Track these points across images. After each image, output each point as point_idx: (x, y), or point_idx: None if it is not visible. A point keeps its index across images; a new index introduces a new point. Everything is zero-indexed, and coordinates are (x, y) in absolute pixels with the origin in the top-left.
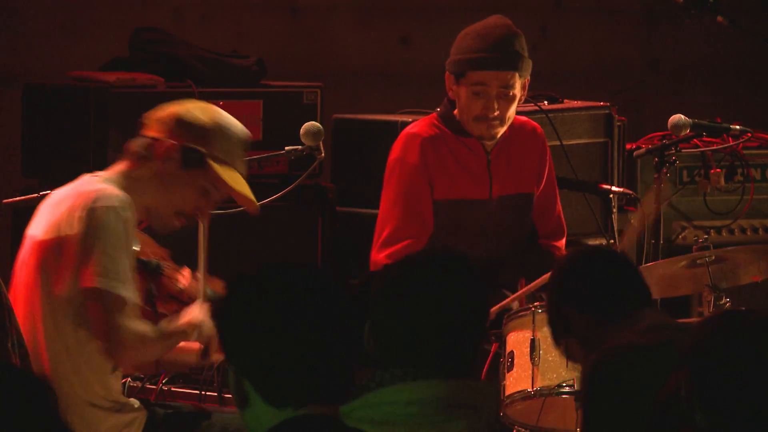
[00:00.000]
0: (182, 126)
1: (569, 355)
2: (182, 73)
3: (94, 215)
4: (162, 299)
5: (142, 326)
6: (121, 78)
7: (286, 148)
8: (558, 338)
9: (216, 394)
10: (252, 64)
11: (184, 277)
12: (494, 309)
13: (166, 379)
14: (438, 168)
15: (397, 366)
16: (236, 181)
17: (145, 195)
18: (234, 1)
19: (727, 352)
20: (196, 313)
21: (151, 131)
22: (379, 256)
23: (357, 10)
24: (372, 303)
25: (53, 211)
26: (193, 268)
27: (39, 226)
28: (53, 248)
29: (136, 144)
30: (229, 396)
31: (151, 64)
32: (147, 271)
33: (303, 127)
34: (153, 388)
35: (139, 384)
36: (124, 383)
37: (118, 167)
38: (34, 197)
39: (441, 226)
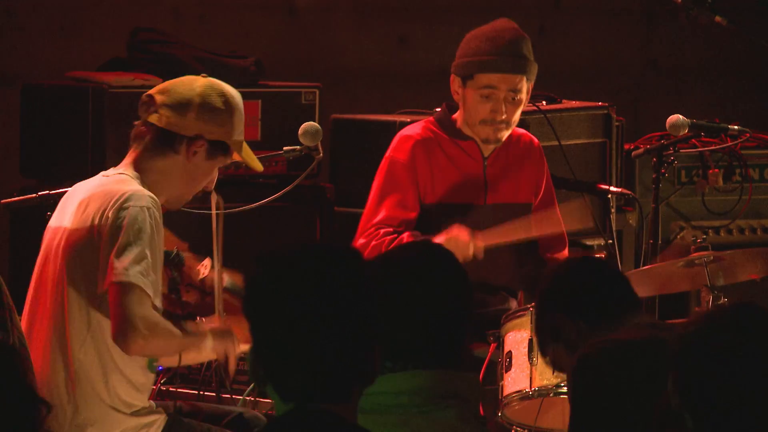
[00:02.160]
0: (203, 117)
1: (556, 364)
2: (181, 74)
3: (127, 215)
4: (185, 288)
5: (157, 317)
6: (119, 78)
7: (285, 148)
8: (545, 346)
9: (214, 394)
10: (250, 64)
11: (204, 267)
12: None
13: (164, 379)
14: (430, 171)
15: (384, 358)
16: (248, 156)
17: (168, 186)
18: (232, 1)
19: (712, 351)
20: (220, 324)
21: (166, 120)
22: (358, 243)
23: (355, 11)
24: None
25: (83, 208)
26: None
27: (68, 221)
28: (85, 246)
29: (148, 133)
30: (227, 396)
31: (150, 64)
32: (169, 261)
33: (301, 127)
34: (152, 388)
35: (170, 388)
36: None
37: (136, 159)
38: (32, 197)
39: (434, 230)
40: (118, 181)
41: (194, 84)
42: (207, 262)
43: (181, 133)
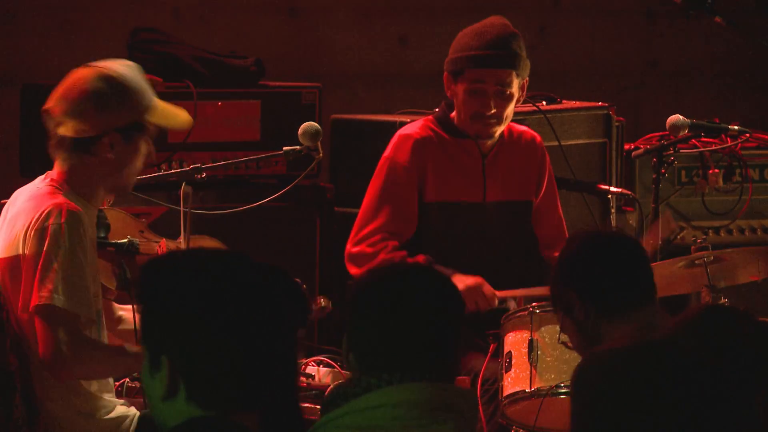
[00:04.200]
0: (102, 111)
1: (563, 334)
2: (181, 74)
3: (45, 234)
4: None
5: (84, 341)
6: None
7: (285, 148)
8: (556, 312)
9: None
10: (250, 64)
11: (161, 248)
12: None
13: None
14: (430, 170)
15: (381, 371)
16: (166, 117)
17: (104, 183)
18: (232, 1)
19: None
20: None
21: (73, 129)
22: (356, 249)
23: (355, 11)
24: (348, 314)
25: (10, 228)
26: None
27: (0, 240)
28: (11, 269)
29: (65, 145)
30: None
31: (150, 64)
32: (120, 253)
33: (301, 127)
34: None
35: (137, 384)
36: (122, 383)
37: (62, 168)
38: None
39: (434, 228)
40: (43, 194)
41: (82, 81)
42: (163, 242)
43: (91, 134)
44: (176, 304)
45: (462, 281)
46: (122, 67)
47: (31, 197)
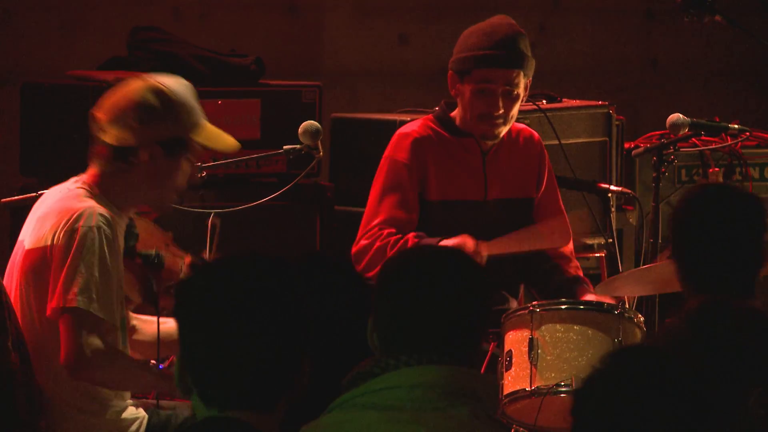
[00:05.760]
0: (146, 123)
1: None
2: (181, 73)
3: (75, 236)
4: (164, 292)
5: (112, 348)
6: (119, 77)
7: (285, 147)
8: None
9: None
10: (250, 63)
11: (186, 264)
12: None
13: None
14: (431, 168)
15: (400, 353)
16: (212, 138)
17: (140, 195)
18: (232, 0)
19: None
20: None
21: (115, 137)
22: (356, 246)
23: (355, 9)
24: (373, 295)
25: (40, 225)
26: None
27: (27, 237)
28: (36, 266)
29: (105, 152)
30: None
31: (150, 63)
32: (147, 265)
33: (301, 126)
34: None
35: None
36: None
37: (97, 175)
38: (32, 197)
39: (436, 227)
40: (75, 196)
41: (131, 91)
42: (188, 259)
43: (132, 144)
44: (186, 311)
45: (447, 243)
46: (174, 83)
47: (61, 198)
